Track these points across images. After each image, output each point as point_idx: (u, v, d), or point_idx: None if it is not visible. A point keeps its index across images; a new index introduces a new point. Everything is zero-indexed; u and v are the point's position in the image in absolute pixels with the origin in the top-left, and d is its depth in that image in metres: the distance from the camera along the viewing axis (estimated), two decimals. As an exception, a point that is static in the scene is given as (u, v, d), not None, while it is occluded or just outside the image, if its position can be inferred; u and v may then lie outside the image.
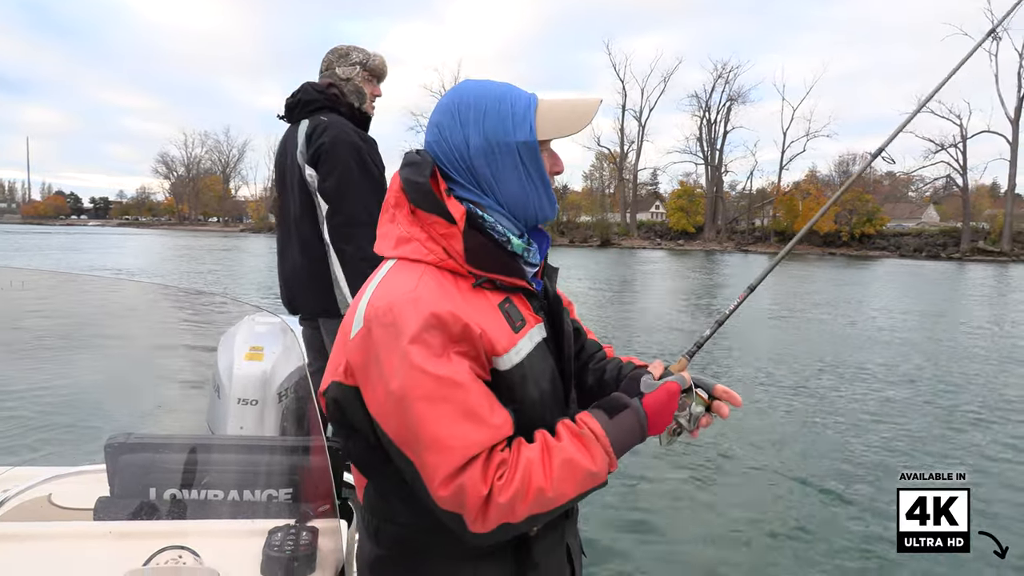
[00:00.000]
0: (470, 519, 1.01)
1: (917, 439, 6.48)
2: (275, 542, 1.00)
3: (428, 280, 1.07)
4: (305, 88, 2.69)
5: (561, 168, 1.22)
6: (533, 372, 1.13)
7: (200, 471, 1.20)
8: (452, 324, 1.03)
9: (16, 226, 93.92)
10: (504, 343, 1.09)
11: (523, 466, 1.03)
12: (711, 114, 69.57)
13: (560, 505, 1.06)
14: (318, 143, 2.56)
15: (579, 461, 1.07)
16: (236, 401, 2.25)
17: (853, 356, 10.73)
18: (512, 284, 1.15)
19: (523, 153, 1.15)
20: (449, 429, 1.00)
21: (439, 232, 1.11)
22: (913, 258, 51.54)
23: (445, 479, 0.99)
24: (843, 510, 4.80)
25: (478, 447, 1.01)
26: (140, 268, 26.17)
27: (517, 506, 1.02)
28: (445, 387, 1.00)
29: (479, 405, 1.03)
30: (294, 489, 1.23)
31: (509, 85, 1.19)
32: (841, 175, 65.34)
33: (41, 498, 1.57)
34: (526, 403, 1.12)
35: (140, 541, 1.01)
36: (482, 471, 1.00)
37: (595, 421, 1.13)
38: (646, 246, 64.50)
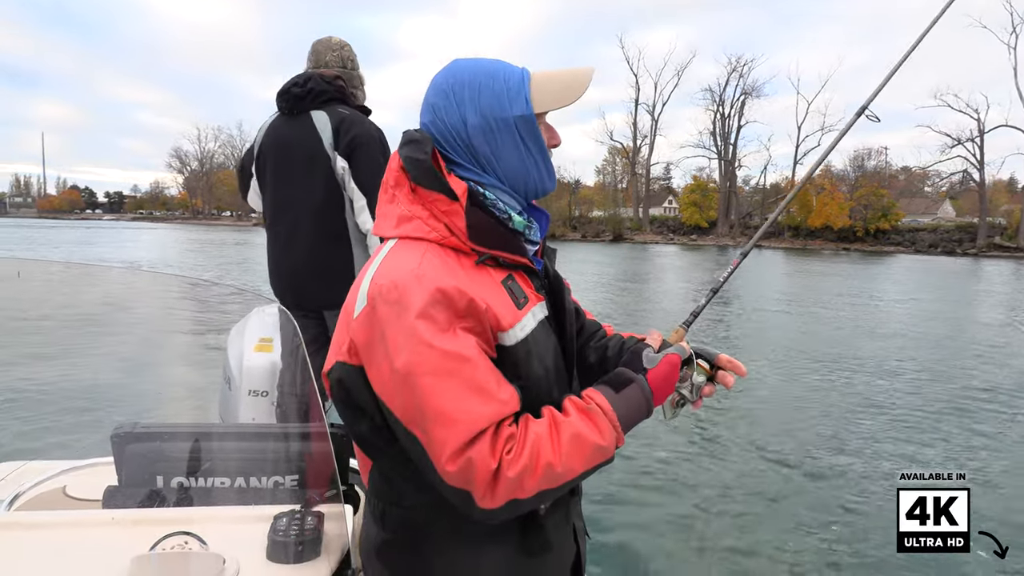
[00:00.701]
0: (479, 495, 1.00)
1: (917, 438, 6.45)
2: (280, 527, 1.01)
3: (431, 257, 1.07)
4: (315, 78, 2.65)
5: (558, 141, 1.22)
6: (537, 348, 1.13)
7: (206, 459, 1.21)
8: (458, 299, 1.03)
9: (32, 220, 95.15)
10: (509, 319, 1.10)
11: (532, 441, 1.03)
12: (725, 108, 69.16)
13: (569, 480, 1.06)
14: (351, 136, 2.55)
15: (587, 436, 1.06)
16: (247, 393, 2.26)
17: (857, 351, 10.67)
18: (514, 261, 1.15)
19: (521, 127, 1.15)
20: (456, 404, 0.99)
21: (441, 209, 1.11)
22: (928, 254, 51.04)
23: (453, 454, 0.98)
24: (842, 510, 4.77)
25: (486, 421, 1.00)
26: (153, 261, 26.38)
27: (526, 481, 1.01)
28: (452, 361, 1.00)
29: (486, 380, 1.03)
30: (300, 475, 1.24)
31: (500, 61, 1.19)
32: (856, 169, 64.79)
33: (56, 490, 1.59)
34: (531, 379, 1.12)
35: (147, 528, 1.02)
36: (490, 445, 1.00)
37: (602, 396, 1.13)
38: (659, 241, 64.28)
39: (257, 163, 2.80)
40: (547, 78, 1.17)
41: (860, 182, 60.88)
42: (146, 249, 34.82)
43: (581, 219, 70.41)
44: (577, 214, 71.31)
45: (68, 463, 1.73)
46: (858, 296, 19.53)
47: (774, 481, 5.28)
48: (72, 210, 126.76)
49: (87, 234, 50.72)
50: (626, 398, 1.13)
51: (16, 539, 1.01)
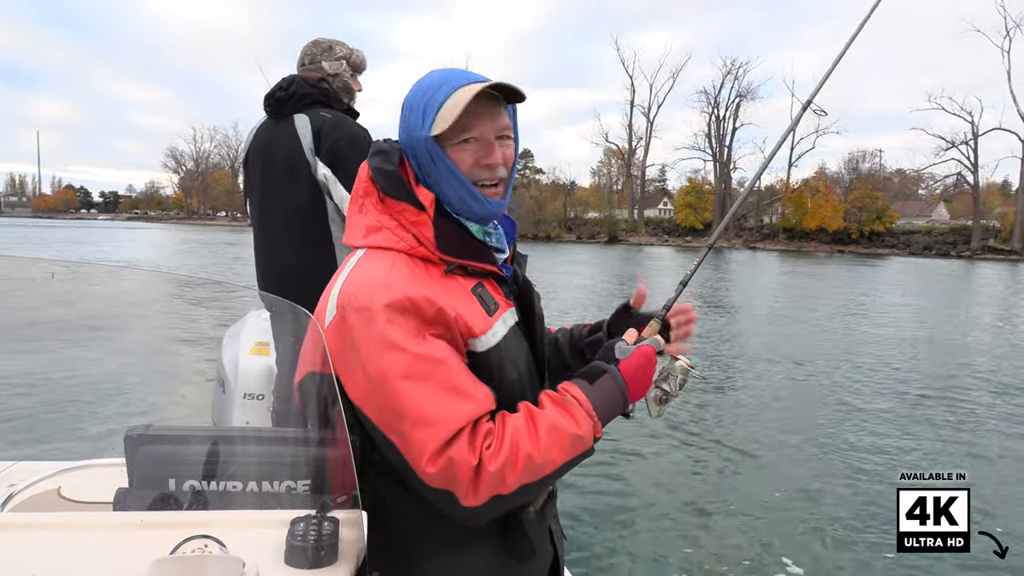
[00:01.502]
0: (461, 493, 1.01)
1: (917, 438, 6.48)
2: (298, 532, 1.00)
3: (400, 267, 1.08)
4: (298, 81, 2.60)
5: (493, 161, 1.15)
6: (510, 354, 1.15)
7: (219, 463, 1.20)
8: (426, 308, 1.04)
9: (26, 220, 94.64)
10: (480, 325, 1.11)
11: (510, 434, 1.04)
12: (720, 110, 69.47)
13: (549, 474, 1.07)
14: (331, 140, 2.50)
15: (564, 426, 1.07)
16: (242, 396, 2.24)
17: (852, 353, 10.69)
18: (482, 269, 1.17)
19: (429, 149, 1.13)
20: (433, 405, 1.00)
21: (409, 220, 1.12)
22: (923, 256, 51.29)
23: (433, 454, 0.99)
24: (843, 509, 4.79)
25: (463, 420, 1.01)
26: (146, 261, 26.26)
27: (507, 474, 1.02)
28: (425, 363, 1.02)
29: (461, 380, 1.05)
30: (313, 480, 1.23)
31: (454, 74, 1.16)
32: (850, 172, 65.04)
33: (51, 491, 1.57)
34: (504, 384, 1.13)
35: (164, 531, 1.01)
36: (468, 443, 1.01)
37: (576, 387, 1.14)
38: (654, 243, 64.42)
39: (245, 167, 2.77)
40: (456, 96, 1.11)
41: (854, 184, 61.13)
42: (140, 249, 34.68)
43: (576, 220, 70.46)
44: (572, 215, 71.33)
45: (62, 464, 1.71)
46: (853, 298, 19.58)
47: (771, 481, 5.29)
48: (67, 210, 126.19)
49: (81, 233, 50.48)
50: (600, 388, 1.14)
51: (25, 541, 1.00)
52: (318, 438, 1.22)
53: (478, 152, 1.15)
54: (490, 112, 1.14)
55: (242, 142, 2.83)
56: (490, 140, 1.15)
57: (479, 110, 1.12)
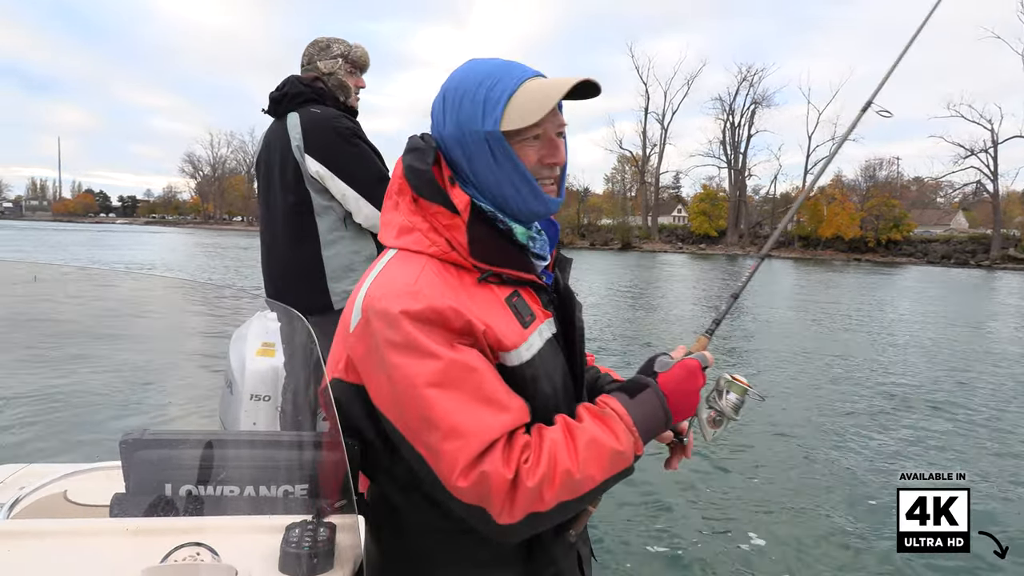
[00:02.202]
0: (496, 510, 0.95)
1: (919, 440, 6.43)
2: (293, 538, 0.98)
3: (429, 274, 1.02)
4: (291, 81, 2.64)
5: (558, 159, 1.11)
6: (545, 368, 1.07)
7: (215, 467, 1.19)
8: (453, 320, 0.98)
9: (47, 223, 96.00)
10: (513, 339, 1.03)
11: (548, 448, 0.98)
12: (735, 117, 69.27)
13: (589, 491, 1.00)
14: (317, 134, 2.52)
15: (604, 440, 1.01)
16: (249, 397, 2.25)
17: (861, 359, 10.56)
18: (519, 278, 1.09)
19: (492, 144, 1.06)
20: (464, 415, 0.94)
21: (442, 223, 1.06)
22: (941, 265, 50.68)
23: (465, 468, 0.93)
24: (843, 510, 4.73)
25: (497, 431, 0.95)
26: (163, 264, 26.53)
27: (545, 491, 0.95)
28: (455, 370, 0.95)
29: (493, 389, 0.98)
30: (310, 485, 1.22)
31: (508, 65, 1.09)
32: (867, 179, 64.52)
33: (57, 495, 1.57)
34: (538, 400, 1.05)
35: (157, 538, 1.00)
36: (503, 456, 0.95)
37: (616, 401, 1.07)
38: (667, 250, 64.15)
39: (256, 169, 2.83)
40: (531, 90, 1.06)
41: (871, 192, 60.62)
42: (156, 252, 35.07)
43: (590, 227, 70.39)
44: (586, 222, 71.30)
45: (70, 467, 1.70)
46: (866, 305, 19.38)
47: (771, 482, 5.23)
48: (86, 213, 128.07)
49: (99, 237, 51.13)
50: (641, 403, 1.07)
51: (22, 548, 0.99)
52: (315, 442, 1.21)
53: (542, 150, 1.09)
54: (553, 108, 1.07)
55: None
56: (552, 137, 1.10)
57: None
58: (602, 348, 11.41)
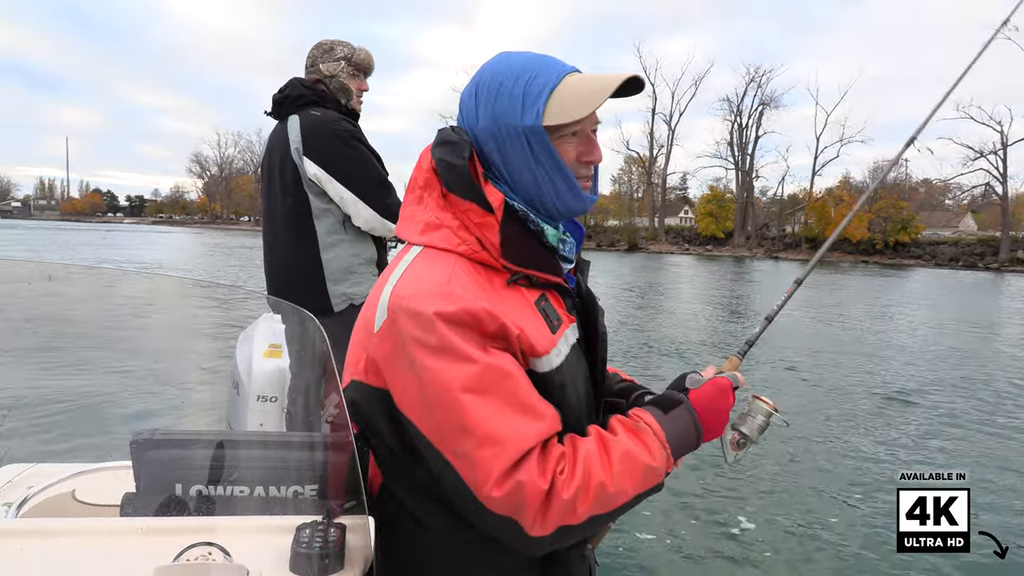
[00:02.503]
0: (528, 521, 0.92)
1: (921, 441, 6.42)
2: (303, 538, 0.98)
3: (461, 273, 0.98)
4: (293, 83, 2.65)
5: (595, 157, 1.08)
6: (571, 374, 1.04)
7: (226, 467, 1.19)
8: (488, 323, 0.94)
9: (55, 223, 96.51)
10: (544, 344, 1.00)
11: (583, 459, 0.95)
12: (743, 118, 68.92)
13: (620, 506, 0.98)
14: (315, 137, 2.53)
15: (637, 454, 0.99)
16: (256, 398, 2.26)
17: (867, 360, 10.51)
18: (547, 280, 1.06)
19: (531, 139, 1.03)
20: (500, 422, 0.91)
21: (474, 221, 1.01)
22: (949, 267, 50.35)
23: (500, 477, 0.90)
24: (842, 509, 4.72)
25: (533, 440, 0.92)
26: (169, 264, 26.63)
27: (579, 504, 0.93)
28: (491, 375, 0.92)
29: (528, 396, 0.95)
30: (320, 485, 1.22)
31: (544, 59, 1.07)
32: (875, 181, 64.22)
33: (66, 494, 1.57)
34: (564, 408, 1.02)
35: (168, 537, 1.00)
36: (539, 466, 0.92)
37: (650, 415, 1.06)
38: (674, 251, 64.03)
39: (260, 170, 2.86)
40: (575, 85, 1.03)
41: (879, 194, 60.30)
42: (162, 252, 35.21)
43: (596, 228, 70.25)
44: (592, 223, 71.14)
45: (78, 466, 1.70)
46: (873, 307, 19.28)
47: (772, 481, 5.21)
48: (94, 213, 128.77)
49: (107, 236, 51.36)
50: (674, 419, 1.06)
51: (32, 546, 0.99)
52: (325, 443, 1.21)
53: (580, 147, 1.07)
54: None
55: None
56: (589, 134, 1.08)
57: None
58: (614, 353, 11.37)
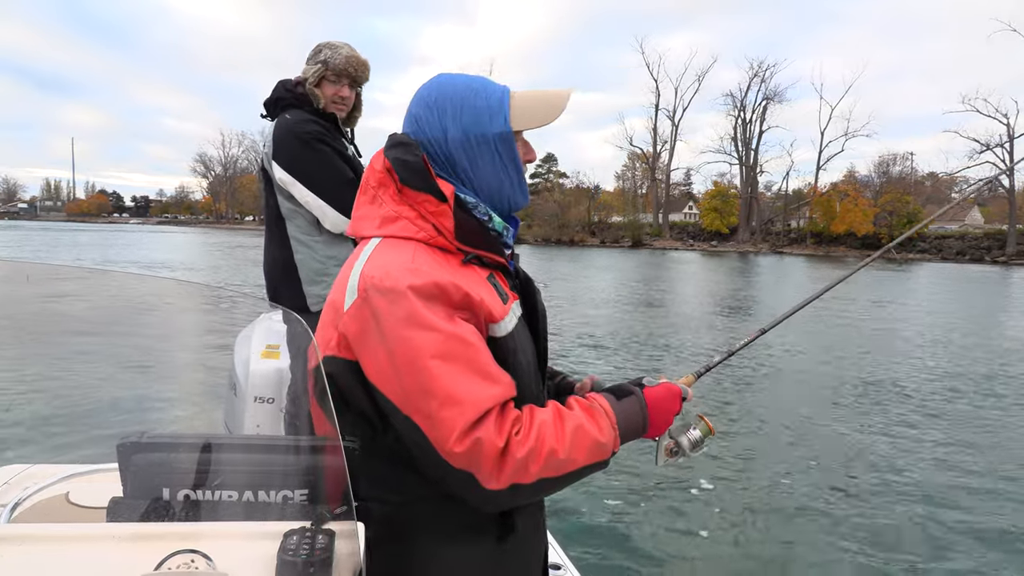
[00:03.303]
0: (484, 475, 1.03)
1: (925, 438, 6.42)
2: (290, 546, 0.96)
3: (422, 254, 1.11)
4: (277, 87, 2.66)
5: (534, 157, 1.27)
6: (520, 343, 1.18)
7: (214, 471, 1.16)
8: (453, 292, 1.06)
9: (61, 223, 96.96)
10: (500, 311, 1.14)
11: (538, 425, 1.08)
12: (746, 113, 68.78)
13: (569, 472, 1.09)
14: (284, 141, 2.52)
15: (589, 429, 1.11)
16: (253, 399, 2.23)
17: (877, 357, 10.47)
18: (495, 261, 1.20)
19: (499, 144, 1.19)
20: (462, 385, 1.02)
21: (429, 210, 1.14)
22: (956, 261, 50.12)
23: (461, 434, 1.00)
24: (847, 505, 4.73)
25: (491, 401, 1.04)
26: (174, 264, 26.71)
27: (531, 464, 1.04)
28: (455, 343, 1.03)
29: (487, 363, 1.07)
30: (310, 490, 1.19)
31: (483, 78, 1.24)
32: (880, 176, 63.98)
33: (59, 496, 1.56)
34: (518, 371, 1.14)
35: (152, 543, 0.98)
36: (496, 425, 1.03)
37: (604, 399, 1.19)
38: (678, 247, 63.94)
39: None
40: (527, 97, 1.22)
41: (885, 188, 60.08)
42: (165, 252, 35.33)
43: (600, 225, 70.26)
44: (596, 220, 71.14)
45: (72, 468, 1.70)
46: (882, 303, 19.20)
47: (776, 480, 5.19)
48: (100, 214, 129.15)
49: (112, 237, 51.56)
50: (625, 406, 1.19)
51: (11, 554, 0.96)
52: (315, 446, 1.18)
53: (523, 148, 1.25)
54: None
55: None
56: (525, 138, 1.26)
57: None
58: (618, 348, 11.37)
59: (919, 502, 4.93)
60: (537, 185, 79.63)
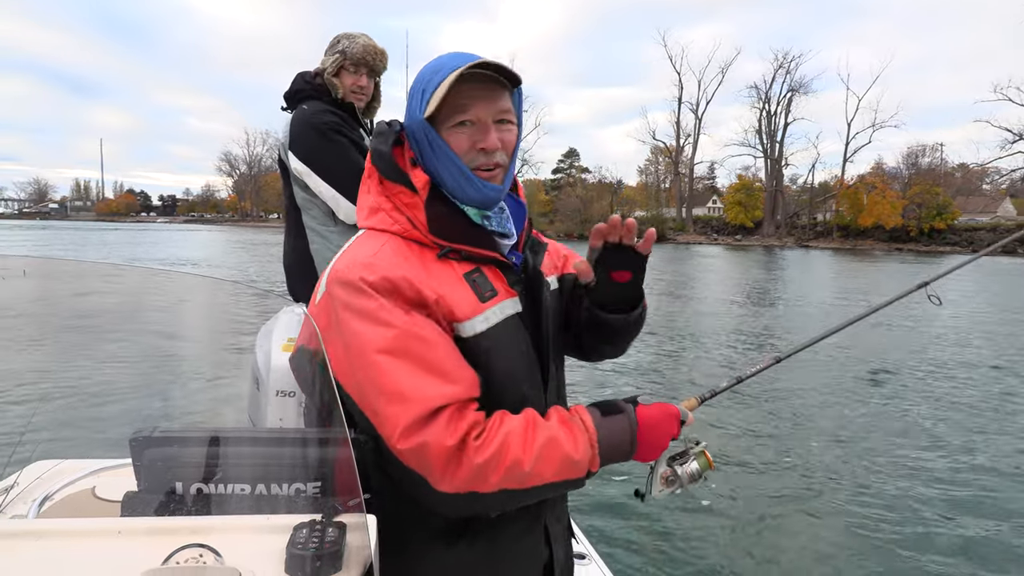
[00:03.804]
0: (435, 477, 0.98)
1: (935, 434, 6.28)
2: (300, 539, 0.95)
3: (388, 248, 1.08)
4: (296, 79, 2.65)
5: (488, 143, 1.11)
6: (501, 343, 1.11)
7: (226, 464, 1.17)
8: (406, 289, 1.03)
9: (91, 223, 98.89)
10: (466, 311, 1.08)
11: (504, 432, 1.01)
12: (771, 105, 67.91)
13: (535, 486, 1.02)
14: (300, 132, 2.52)
15: (562, 443, 1.03)
16: (275, 393, 2.23)
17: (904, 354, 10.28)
18: (479, 255, 1.13)
19: (426, 132, 1.12)
20: (409, 381, 0.99)
21: (404, 202, 1.12)
22: (987, 254, 48.91)
23: (404, 431, 0.97)
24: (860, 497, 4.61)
25: (442, 400, 0.99)
26: (201, 260, 27.09)
27: (490, 472, 0.99)
28: (405, 339, 1.00)
29: (442, 360, 1.02)
30: (323, 483, 1.19)
31: (457, 56, 1.12)
32: (909, 167, 62.74)
33: (86, 491, 1.58)
34: (494, 374, 1.09)
35: (162, 537, 0.98)
36: (447, 425, 0.98)
37: (587, 413, 1.10)
38: (702, 241, 63.38)
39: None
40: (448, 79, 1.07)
41: (913, 180, 58.88)
42: (190, 249, 35.85)
43: (623, 219, 69.76)
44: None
45: (100, 463, 1.72)
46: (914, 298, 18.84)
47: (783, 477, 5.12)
48: (128, 213, 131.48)
49: (140, 235, 52.46)
50: (611, 425, 1.09)
51: (21, 549, 0.97)
52: (327, 438, 1.17)
53: (474, 135, 1.12)
54: (488, 95, 1.11)
55: None
56: (487, 123, 1.12)
57: (475, 92, 1.10)
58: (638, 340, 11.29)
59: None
60: (559, 180, 79.39)
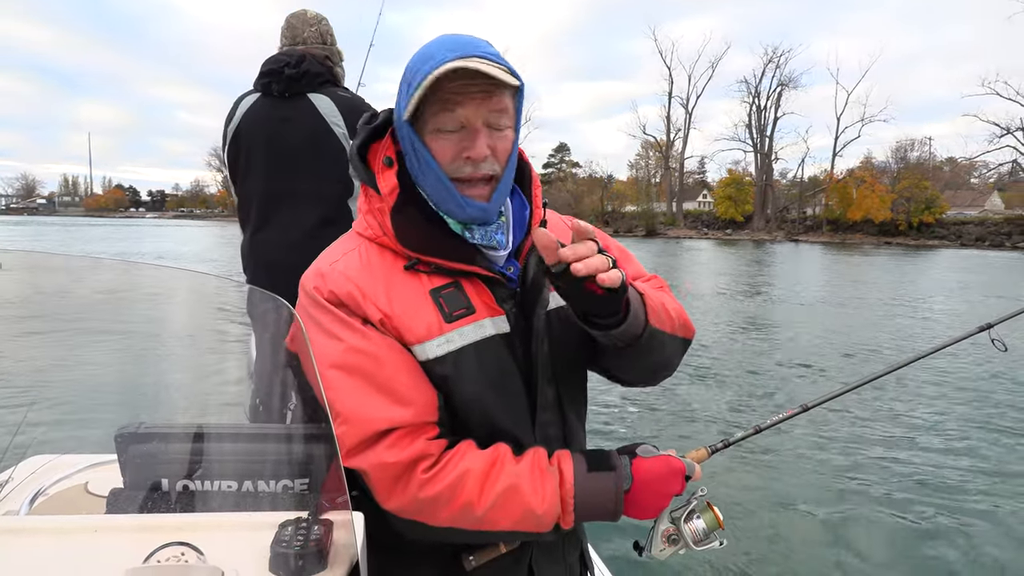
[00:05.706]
0: (380, 496, 0.95)
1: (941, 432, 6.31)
2: (284, 537, 0.95)
3: (352, 257, 1.02)
4: (309, 59, 2.41)
5: (475, 153, 0.96)
6: (468, 367, 0.99)
7: (212, 461, 1.16)
8: (352, 306, 0.98)
9: (79, 218, 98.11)
10: (420, 333, 0.98)
11: (460, 471, 0.93)
12: (761, 100, 67.86)
13: (490, 531, 0.95)
14: (356, 120, 2.43)
15: (524, 494, 0.94)
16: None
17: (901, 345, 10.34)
18: (454, 269, 1.00)
19: (409, 136, 0.99)
20: (354, 402, 0.94)
21: (375, 207, 1.03)
22: (975, 247, 49.29)
23: (348, 452, 0.94)
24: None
25: (385, 423, 0.93)
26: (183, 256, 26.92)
27: (440, 510, 0.93)
28: (356, 355, 0.95)
29: (394, 380, 0.95)
30: (310, 479, 1.18)
31: (450, 42, 0.95)
32: (898, 161, 63.02)
33: (78, 486, 1.57)
34: (458, 400, 1.00)
35: (145, 535, 0.97)
36: (388, 450, 0.93)
37: (569, 464, 0.98)
38: (692, 236, 63.45)
39: (233, 149, 2.53)
40: (431, 76, 0.92)
41: (902, 174, 59.11)
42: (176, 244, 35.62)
43: (614, 214, 69.84)
44: (610, 209, 70.74)
45: (94, 458, 1.70)
46: (899, 293, 18.96)
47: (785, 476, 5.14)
48: (117, 208, 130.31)
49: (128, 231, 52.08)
50: (595, 480, 0.97)
51: (7, 546, 0.96)
52: (315, 434, 1.17)
53: (462, 142, 0.97)
54: (482, 93, 0.94)
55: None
56: (476, 127, 0.96)
57: (467, 88, 0.94)
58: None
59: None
60: (550, 175, 79.35)
